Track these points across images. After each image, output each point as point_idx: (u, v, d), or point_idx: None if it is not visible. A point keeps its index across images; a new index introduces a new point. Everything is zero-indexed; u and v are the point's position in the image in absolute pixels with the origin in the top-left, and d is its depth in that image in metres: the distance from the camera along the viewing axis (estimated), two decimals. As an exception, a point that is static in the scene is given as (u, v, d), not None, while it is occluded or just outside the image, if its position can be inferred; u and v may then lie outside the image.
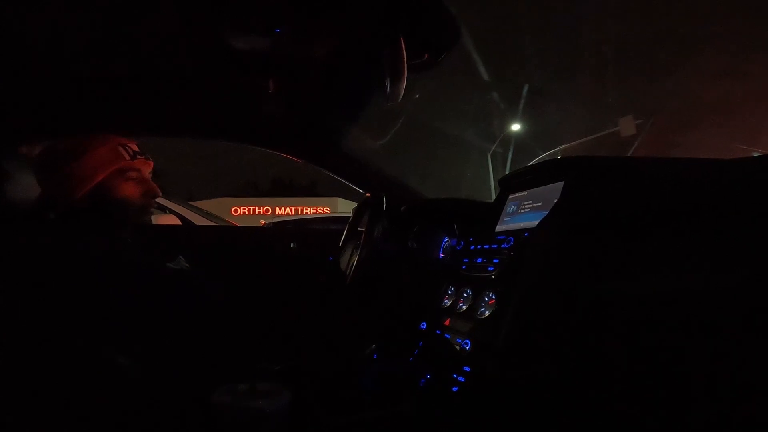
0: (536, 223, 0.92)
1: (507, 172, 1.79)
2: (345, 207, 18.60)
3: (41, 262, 0.96)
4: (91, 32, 1.11)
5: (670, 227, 0.86)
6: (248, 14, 1.10)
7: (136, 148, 1.13)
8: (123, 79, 1.33)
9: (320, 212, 17.56)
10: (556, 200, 0.93)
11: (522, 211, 1.07)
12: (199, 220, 3.69)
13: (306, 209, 20.43)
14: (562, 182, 0.95)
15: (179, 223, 3.47)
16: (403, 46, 1.10)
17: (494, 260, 0.98)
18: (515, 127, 9.29)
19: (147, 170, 1.15)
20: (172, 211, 3.60)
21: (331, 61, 1.30)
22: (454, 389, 0.88)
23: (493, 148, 7.52)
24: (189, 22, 1.11)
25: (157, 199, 1.17)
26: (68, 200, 1.06)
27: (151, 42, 1.17)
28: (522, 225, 1.03)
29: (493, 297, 0.92)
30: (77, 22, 1.06)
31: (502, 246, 0.99)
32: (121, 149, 1.10)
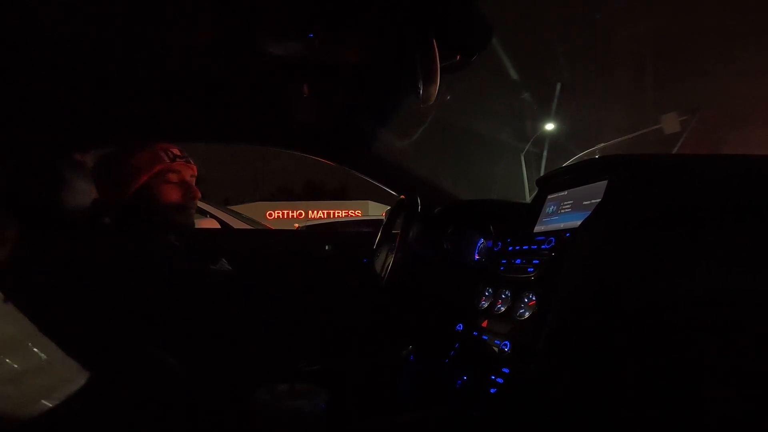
0: (578, 223, 0.90)
1: (542, 173, 1.75)
2: (376, 210, 18.68)
3: (95, 266, 1.00)
4: (132, 41, 1.15)
5: (722, 225, 0.82)
6: (281, 19, 1.11)
7: (176, 152, 1.17)
8: (160, 86, 1.37)
9: (352, 215, 17.68)
10: (598, 200, 0.91)
11: (562, 211, 1.04)
12: (237, 224, 3.79)
13: (338, 212, 20.62)
14: (605, 181, 0.92)
15: (218, 226, 3.57)
16: (436, 47, 1.09)
17: (534, 261, 0.96)
18: (549, 126, 9.06)
19: (188, 173, 1.19)
20: (211, 215, 3.71)
21: (363, 64, 1.30)
22: (492, 390, 0.86)
23: (527, 147, 7.33)
24: (223, 29, 1.14)
25: (198, 204, 1.21)
26: (116, 203, 1.12)
27: (186, 49, 1.20)
28: (562, 225, 1.00)
29: (534, 298, 0.90)
30: (118, 32, 1.10)
31: (542, 247, 0.97)
32: (161, 153, 1.15)
